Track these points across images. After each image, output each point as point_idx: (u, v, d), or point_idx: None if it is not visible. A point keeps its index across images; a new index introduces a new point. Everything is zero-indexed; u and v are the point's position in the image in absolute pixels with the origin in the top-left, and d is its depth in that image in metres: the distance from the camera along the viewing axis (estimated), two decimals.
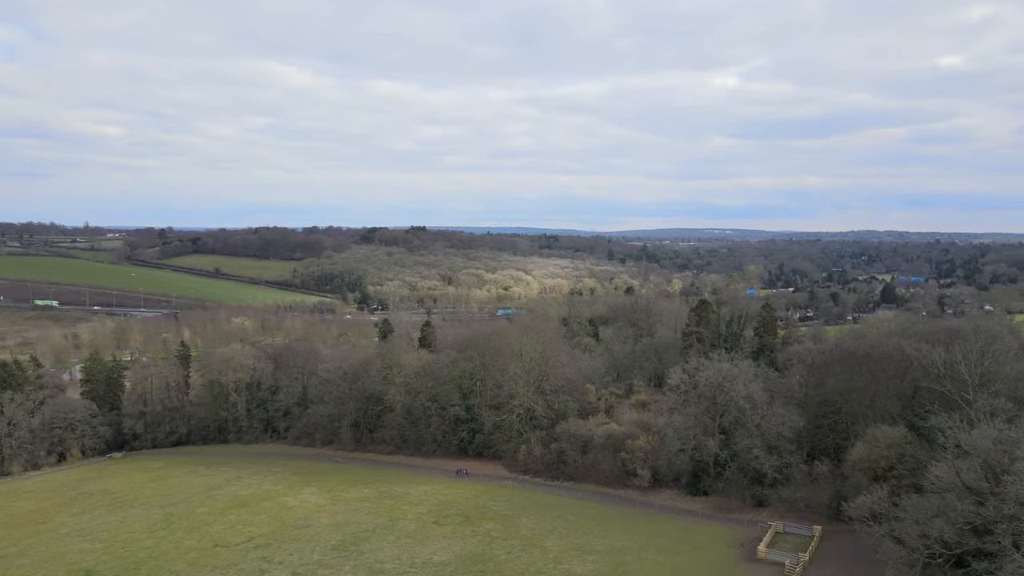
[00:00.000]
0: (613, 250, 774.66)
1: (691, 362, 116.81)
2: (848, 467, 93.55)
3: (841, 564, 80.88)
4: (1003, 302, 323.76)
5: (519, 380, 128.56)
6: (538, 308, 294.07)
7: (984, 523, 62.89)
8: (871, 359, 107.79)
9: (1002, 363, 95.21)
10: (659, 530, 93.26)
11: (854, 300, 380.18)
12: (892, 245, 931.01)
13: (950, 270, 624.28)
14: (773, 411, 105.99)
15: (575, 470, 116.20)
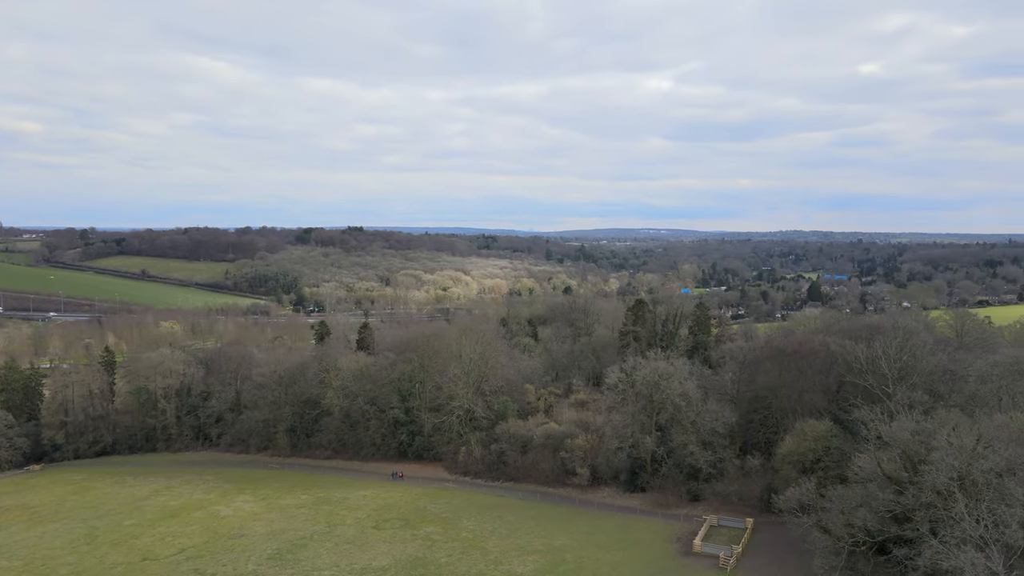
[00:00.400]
0: (551, 250, 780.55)
1: (628, 361, 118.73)
2: (778, 460, 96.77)
3: (772, 555, 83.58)
4: (919, 299, 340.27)
5: (459, 381, 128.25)
6: (477, 309, 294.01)
7: (903, 511, 65.99)
8: (799, 355, 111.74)
9: (919, 358, 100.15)
10: (598, 527, 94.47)
11: (783, 298, 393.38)
12: (818, 245, 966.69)
13: (871, 268, 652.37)
14: (707, 408, 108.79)
15: (515, 470, 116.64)
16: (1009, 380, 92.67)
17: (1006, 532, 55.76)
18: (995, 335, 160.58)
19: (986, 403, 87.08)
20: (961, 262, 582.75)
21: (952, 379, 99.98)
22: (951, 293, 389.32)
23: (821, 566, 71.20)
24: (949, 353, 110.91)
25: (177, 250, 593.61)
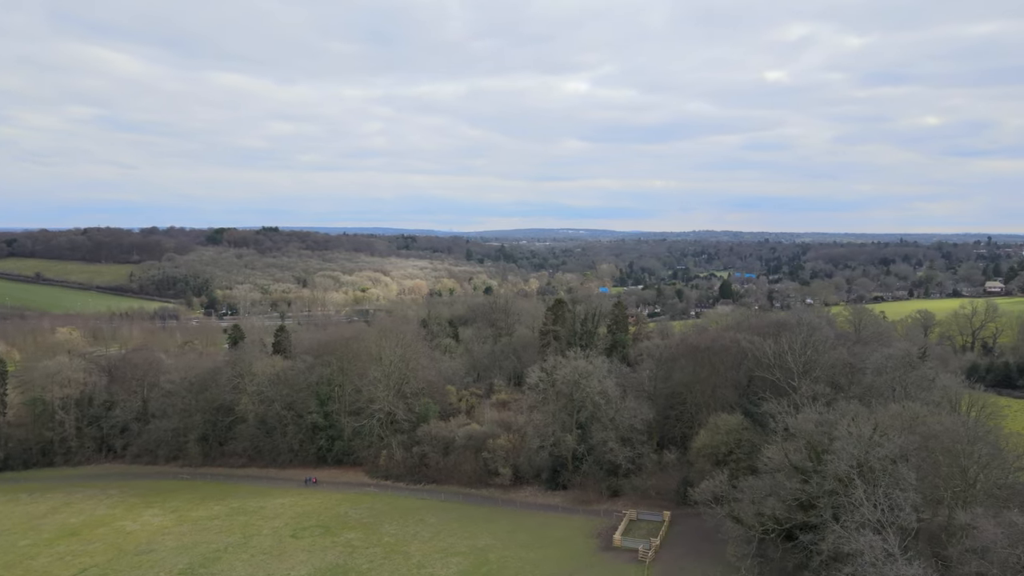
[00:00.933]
0: (471, 250, 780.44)
1: (549, 360, 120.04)
2: (693, 454, 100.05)
3: (688, 546, 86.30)
4: (821, 295, 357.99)
5: (379, 384, 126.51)
6: (397, 310, 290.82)
7: (809, 499, 69.41)
8: (712, 352, 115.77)
9: (821, 352, 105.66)
10: (521, 526, 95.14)
11: (696, 296, 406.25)
12: (728, 244, 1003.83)
13: (777, 267, 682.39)
14: (626, 405, 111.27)
15: (437, 472, 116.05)
16: (901, 372, 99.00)
17: (900, 515, 59.50)
18: (889, 329, 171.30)
19: (881, 394, 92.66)
20: (858, 260, 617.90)
21: (851, 371, 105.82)
22: (850, 290, 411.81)
23: (734, 554, 74.05)
24: (848, 347, 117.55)
25: (76, 252, 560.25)
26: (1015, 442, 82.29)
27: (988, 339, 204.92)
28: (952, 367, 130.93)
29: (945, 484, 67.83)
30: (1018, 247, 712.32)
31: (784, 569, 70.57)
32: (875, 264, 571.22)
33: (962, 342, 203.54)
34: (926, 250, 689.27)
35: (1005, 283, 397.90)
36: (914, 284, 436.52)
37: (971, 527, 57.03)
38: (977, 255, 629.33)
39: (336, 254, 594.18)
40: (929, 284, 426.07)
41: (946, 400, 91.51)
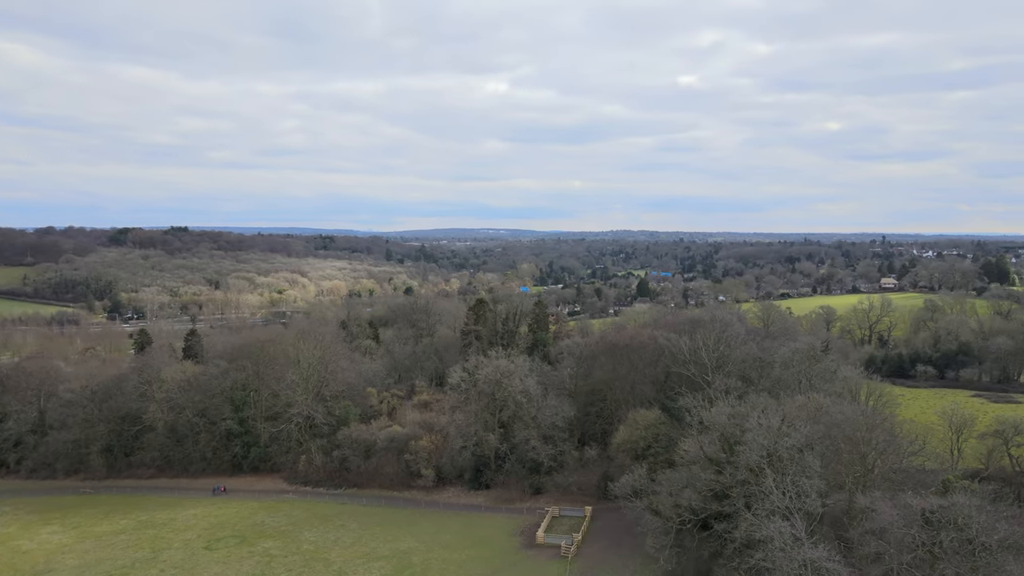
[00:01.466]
0: (391, 250, 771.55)
1: (471, 360, 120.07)
2: (613, 450, 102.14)
3: (609, 539, 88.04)
4: (733, 293, 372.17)
5: (297, 388, 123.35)
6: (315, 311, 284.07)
7: (723, 489, 72.01)
8: (630, 349, 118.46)
9: (733, 347, 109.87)
10: (444, 527, 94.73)
11: (615, 295, 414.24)
12: (645, 243, 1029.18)
13: (691, 265, 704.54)
14: (548, 403, 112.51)
15: (359, 476, 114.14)
16: (807, 365, 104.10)
17: (806, 501, 62.53)
18: (795, 324, 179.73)
19: (789, 386, 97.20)
20: (767, 259, 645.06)
21: (761, 365, 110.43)
22: (759, 287, 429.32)
23: (653, 545, 76.02)
24: (758, 342, 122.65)
25: None
26: (908, 428, 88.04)
27: (883, 332, 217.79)
28: (852, 359, 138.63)
29: (846, 470, 71.76)
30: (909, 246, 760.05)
31: (700, 558, 72.95)
32: (782, 262, 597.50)
33: (860, 335, 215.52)
34: (828, 249, 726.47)
35: (898, 279, 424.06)
36: (817, 281, 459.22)
37: (870, 510, 60.49)
38: (873, 253, 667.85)
39: (251, 255, 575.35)
40: (831, 281, 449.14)
41: (847, 391, 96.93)
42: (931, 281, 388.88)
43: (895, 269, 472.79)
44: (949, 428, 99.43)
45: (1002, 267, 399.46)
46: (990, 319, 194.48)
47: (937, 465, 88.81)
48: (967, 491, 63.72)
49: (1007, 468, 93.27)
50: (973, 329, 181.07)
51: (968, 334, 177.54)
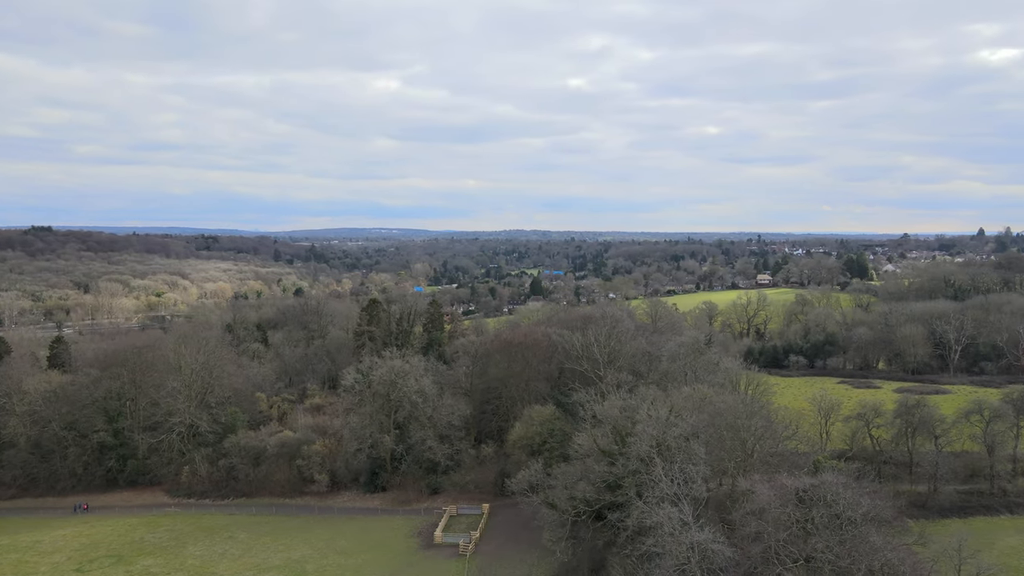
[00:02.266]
0: (280, 251, 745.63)
1: (365, 361, 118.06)
2: (509, 446, 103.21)
3: (507, 535, 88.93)
4: (623, 290, 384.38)
5: (178, 395, 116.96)
6: (198, 315, 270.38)
7: (615, 479, 74.28)
8: (525, 346, 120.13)
9: (623, 342, 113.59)
10: (340, 533, 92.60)
11: (509, 293, 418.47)
12: (538, 243, 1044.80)
13: (583, 264, 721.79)
14: (444, 402, 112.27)
15: (248, 485, 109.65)
16: (692, 357, 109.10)
17: (693, 487, 65.52)
18: (680, 319, 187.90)
19: (675, 378, 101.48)
20: (654, 257, 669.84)
21: (650, 359, 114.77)
22: (647, 284, 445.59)
23: (549, 538, 77.39)
24: (647, 337, 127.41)
25: None
26: (783, 415, 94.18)
27: (760, 326, 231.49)
28: (732, 351, 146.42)
29: (729, 456, 75.81)
30: (781, 244, 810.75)
31: (595, 547, 74.94)
32: (668, 260, 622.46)
33: (740, 329, 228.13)
34: (709, 247, 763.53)
35: (772, 276, 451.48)
36: (700, 278, 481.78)
37: (750, 492, 64.10)
38: (750, 252, 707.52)
39: (125, 256, 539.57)
40: (712, 278, 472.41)
41: (728, 381, 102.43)
42: (801, 277, 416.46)
43: (770, 266, 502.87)
44: (818, 413, 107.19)
45: (862, 263, 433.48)
46: (852, 312, 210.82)
47: (809, 448, 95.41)
48: (835, 470, 68.93)
49: (869, 448, 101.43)
50: (838, 321, 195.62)
51: (834, 326, 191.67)
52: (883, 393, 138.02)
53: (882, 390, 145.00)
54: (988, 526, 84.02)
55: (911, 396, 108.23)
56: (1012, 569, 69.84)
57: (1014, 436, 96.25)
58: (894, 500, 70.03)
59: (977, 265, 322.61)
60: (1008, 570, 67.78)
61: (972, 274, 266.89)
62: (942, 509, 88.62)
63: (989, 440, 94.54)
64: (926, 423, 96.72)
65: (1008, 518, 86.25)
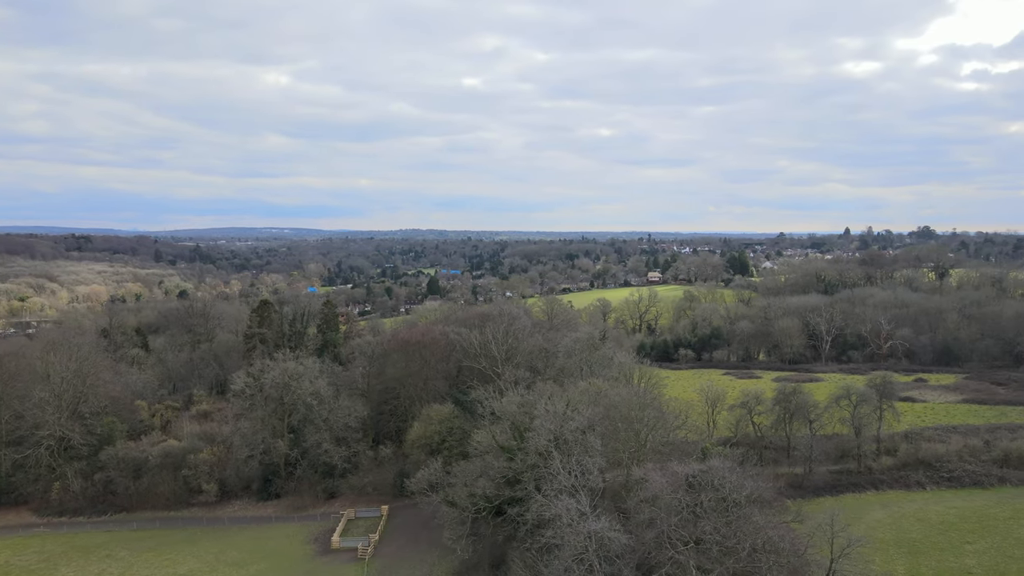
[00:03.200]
0: (161, 251, 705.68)
1: (256, 364, 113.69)
2: (408, 446, 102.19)
3: (407, 536, 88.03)
4: (519, 289, 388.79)
5: (47, 406, 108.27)
6: (69, 320, 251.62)
7: (514, 475, 75.01)
8: (422, 345, 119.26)
9: (521, 339, 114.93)
10: (231, 544, 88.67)
11: (406, 293, 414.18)
12: (434, 242, 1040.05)
13: (480, 263, 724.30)
14: (340, 404, 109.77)
15: (128, 499, 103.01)
16: (587, 353, 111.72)
17: (590, 478, 67.15)
18: (576, 316, 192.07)
19: (572, 373, 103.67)
20: (549, 256, 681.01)
21: (546, 355, 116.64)
22: (542, 283, 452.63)
23: (450, 537, 77.20)
24: (543, 333, 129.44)
25: None
26: (673, 406, 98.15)
27: (651, 321, 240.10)
28: (626, 346, 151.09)
29: (623, 446, 78.20)
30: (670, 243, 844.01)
31: (495, 543, 75.44)
32: (563, 259, 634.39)
33: (632, 325, 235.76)
34: (603, 246, 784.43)
35: (662, 273, 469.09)
36: (594, 276, 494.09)
37: (643, 480, 66.41)
38: (641, 250, 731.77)
39: None
40: (606, 276, 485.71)
41: (622, 375, 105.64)
42: (689, 274, 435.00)
43: (660, 264, 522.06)
44: (706, 403, 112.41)
45: (743, 261, 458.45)
46: (735, 307, 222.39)
47: (697, 436, 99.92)
48: (721, 456, 72.43)
49: (751, 434, 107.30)
50: (722, 316, 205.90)
51: (718, 320, 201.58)
52: (763, 382, 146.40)
53: (762, 380, 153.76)
54: (856, 502, 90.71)
55: (788, 384, 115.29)
56: (878, 540, 75.75)
57: (878, 418, 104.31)
58: (774, 482, 74.31)
59: (844, 262, 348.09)
60: (874, 541, 73.44)
61: (840, 270, 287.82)
62: (816, 488, 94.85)
63: (856, 423, 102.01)
64: (801, 409, 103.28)
65: (874, 494, 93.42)
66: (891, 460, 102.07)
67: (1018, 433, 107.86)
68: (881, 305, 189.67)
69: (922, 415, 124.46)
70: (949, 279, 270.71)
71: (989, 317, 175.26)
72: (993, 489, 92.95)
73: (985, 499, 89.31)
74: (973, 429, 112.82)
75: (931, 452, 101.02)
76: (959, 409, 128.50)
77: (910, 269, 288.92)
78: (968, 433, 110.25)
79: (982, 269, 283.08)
